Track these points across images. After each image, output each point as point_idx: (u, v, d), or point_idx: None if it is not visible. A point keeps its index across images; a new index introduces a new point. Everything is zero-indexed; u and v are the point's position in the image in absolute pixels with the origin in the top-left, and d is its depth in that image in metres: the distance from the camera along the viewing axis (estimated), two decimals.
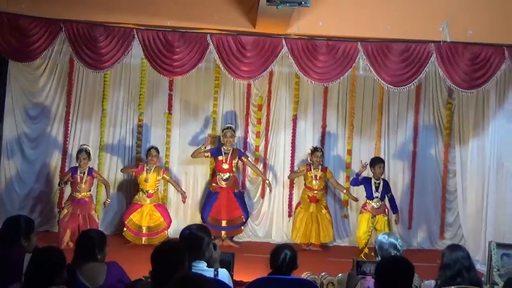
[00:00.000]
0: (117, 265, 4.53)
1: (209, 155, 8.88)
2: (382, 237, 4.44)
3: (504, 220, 8.10)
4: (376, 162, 8.29)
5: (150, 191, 8.75)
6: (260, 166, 9.37)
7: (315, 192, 8.69)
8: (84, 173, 8.39)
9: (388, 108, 9.36)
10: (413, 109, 9.40)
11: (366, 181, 8.24)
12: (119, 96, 9.32)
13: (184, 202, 8.75)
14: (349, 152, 9.47)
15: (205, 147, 8.79)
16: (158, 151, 8.79)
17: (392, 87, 7.70)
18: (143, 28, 7.70)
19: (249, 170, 9.47)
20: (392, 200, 8.29)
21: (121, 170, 9.18)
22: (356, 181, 8.39)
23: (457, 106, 9.20)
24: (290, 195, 9.42)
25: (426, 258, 7.68)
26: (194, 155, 8.78)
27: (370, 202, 8.26)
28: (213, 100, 9.41)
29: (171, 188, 9.35)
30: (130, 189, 9.27)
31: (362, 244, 8.22)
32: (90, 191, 8.51)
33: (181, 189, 8.98)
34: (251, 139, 9.49)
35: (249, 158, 9.17)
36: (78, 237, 4.61)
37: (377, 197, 8.20)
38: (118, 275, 4.44)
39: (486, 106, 8.60)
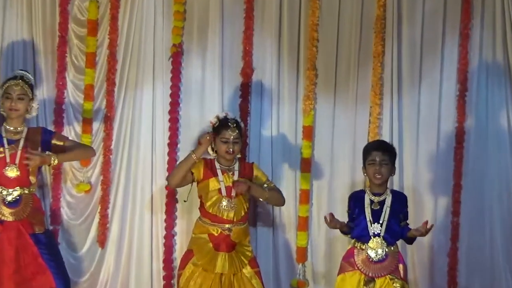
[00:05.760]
0: None
1: None
2: None
3: None
4: (372, 150, 4.60)
5: None
6: (97, 168, 5.29)
7: (228, 226, 4.64)
8: None
9: (398, 30, 5.34)
10: (457, 31, 5.32)
11: (355, 200, 4.58)
12: None
13: None
14: (308, 131, 5.36)
15: None
16: None
17: None
18: None
19: (68, 180, 5.24)
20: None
21: None
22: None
23: None
24: (169, 230, 5.20)
25: None
26: None
27: (362, 246, 4.50)
28: None
29: None
30: None
31: None
32: None
33: None
34: (74, 98, 5.27)
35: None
36: None
37: (378, 234, 4.43)
38: None
39: None
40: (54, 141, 4.63)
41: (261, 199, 4.65)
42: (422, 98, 5.28)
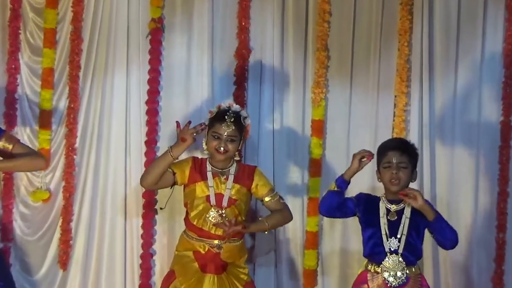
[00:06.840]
0: None
1: None
2: None
3: None
4: (387, 150, 4.00)
5: None
6: (58, 171, 4.73)
7: (217, 243, 3.99)
8: None
9: (430, 1, 4.80)
10: (502, 1, 4.77)
11: (367, 203, 3.97)
12: None
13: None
14: (318, 125, 4.80)
15: None
16: None
17: None
18: None
19: (21, 187, 4.68)
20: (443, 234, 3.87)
21: None
22: (337, 200, 3.98)
23: None
24: (146, 248, 4.69)
25: None
26: None
27: (377, 268, 3.81)
28: None
29: None
30: None
31: None
32: None
33: None
34: (30, 85, 4.72)
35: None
36: None
37: (395, 250, 3.79)
38: None
39: None
40: (1, 143, 3.98)
41: (266, 232, 4.08)
42: (458, 85, 4.68)
